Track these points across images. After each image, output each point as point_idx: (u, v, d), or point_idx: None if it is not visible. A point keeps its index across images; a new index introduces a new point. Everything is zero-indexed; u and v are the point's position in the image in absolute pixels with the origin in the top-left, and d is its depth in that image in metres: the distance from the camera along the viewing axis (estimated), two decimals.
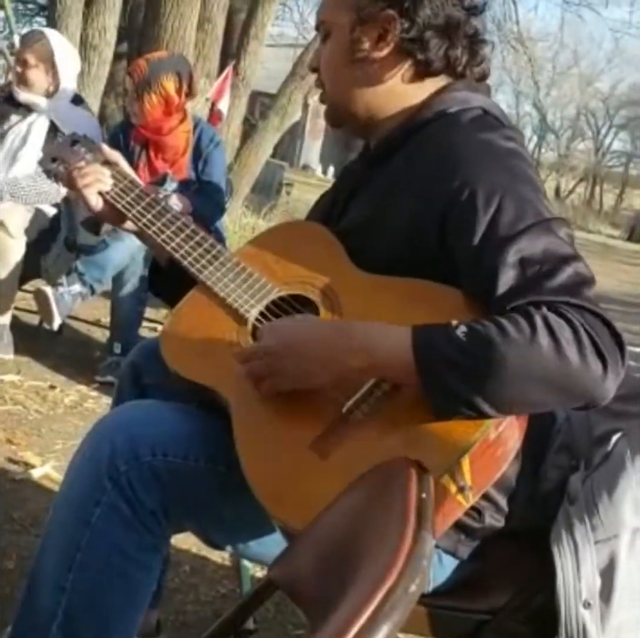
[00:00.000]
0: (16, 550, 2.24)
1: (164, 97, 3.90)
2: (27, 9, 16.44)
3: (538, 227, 1.27)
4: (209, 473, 1.37)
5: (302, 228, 1.62)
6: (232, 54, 8.23)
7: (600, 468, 1.45)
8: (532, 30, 25.96)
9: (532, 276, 1.24)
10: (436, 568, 1.41)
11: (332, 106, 1.56)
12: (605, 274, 12.45)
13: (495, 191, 1.30)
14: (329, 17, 1.52)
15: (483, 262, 1.28)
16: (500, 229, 1.28)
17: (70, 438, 3.03)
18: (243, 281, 1.46)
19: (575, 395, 1.21)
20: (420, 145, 1.43)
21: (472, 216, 1.30)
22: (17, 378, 3.58)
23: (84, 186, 1.57)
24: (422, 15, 1.44)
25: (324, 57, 1.54)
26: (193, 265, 1.49)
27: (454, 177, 1.33)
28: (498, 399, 1.21)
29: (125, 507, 1.32)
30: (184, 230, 1.53)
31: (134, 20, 9.23)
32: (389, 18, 1.44)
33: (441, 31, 1.45)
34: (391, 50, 1.46)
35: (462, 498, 1.27)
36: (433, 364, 1.21)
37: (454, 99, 1.46)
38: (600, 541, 1.39)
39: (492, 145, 1.37)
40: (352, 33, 1.47)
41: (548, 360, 1.17)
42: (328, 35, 1.52)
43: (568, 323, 1.19)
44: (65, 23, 6.46)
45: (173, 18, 6.74)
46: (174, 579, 2.27)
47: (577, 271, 1.25)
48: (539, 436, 1.49)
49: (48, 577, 1.36)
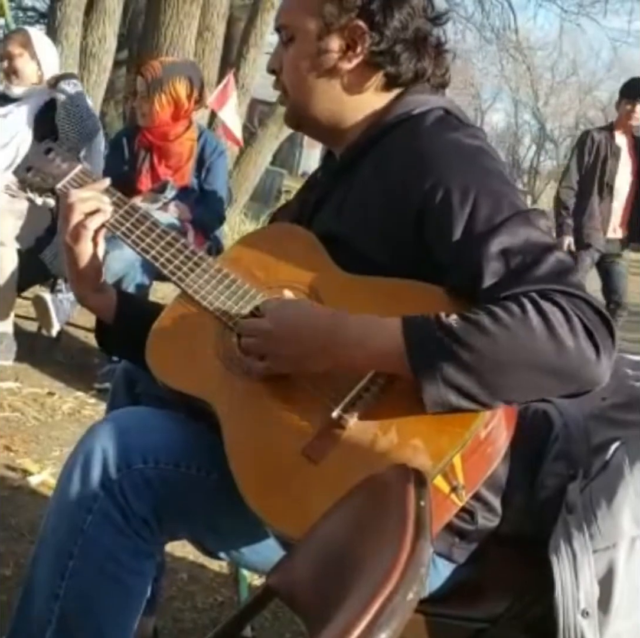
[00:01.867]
0: (13, 557, 2.24)
1: (174, 99, 3.93)
2: (27, 16, 16.49)
3: (516, 219, 1.28)
4: (200, 480, 1.37)
5: (284, 231, 1.61)
6: (232, 62, 8.26)
7: (599, 476, 1.45)
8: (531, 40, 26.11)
9: (516, 266, 1.24)
10: (431, 573, 1.41)
11: (292, 109, 1.55)
12: None
13: (469, 189, 1.31)
14: (293, 21, 1.49)
15: (466, 258, 1.28)
16: (479, 224, 1.28)
17: (68, 445, 3.02)
18: (226, 287, 1.45)
19: (570, 378, 1.20)
20: (387, 150, 1.43)
21: (449, 216, 1.30)
22: (15, 385, 3.58)
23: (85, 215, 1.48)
24: (392, 28, 1.44)
25: (288, 61, 1.51)
26: (175, 273, 1.48)
27: (426, 178, 1.33)
28: (492, 384, 1.21)
29: (118, 514, 1.32)
30: (164, 237, 1.51)
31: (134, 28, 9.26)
32: (358, 30, 1.44)
33: (410, 44, 1.46)
34: (360, 62, 1.46)
35: (456, 497, 1.27)
36: (425, 352, 1.21)
37: (415, 101, 1.46)
38: (598, 550, 1.39)
39: (459, 144, 1.38)
40: (319, 41, 1.46)
41: (541, 343, 1.18)
42: (292, 40, 1.49)
43: (559, 307, 1.19)
44: (65, 31, 6.48)
45: (173, 26, 6.76)
46: (171, 587, 2.26)
47: (559, 259, 1.26)
48: (536, 444, 1.49)
49: (41, 585, 1.36)
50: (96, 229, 1.49)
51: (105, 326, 1.60)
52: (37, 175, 1.59)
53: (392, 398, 1.28)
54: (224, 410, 1.35)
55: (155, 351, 1.45)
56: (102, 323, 1.61)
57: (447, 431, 1.24)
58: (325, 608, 0.90)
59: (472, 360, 1.19)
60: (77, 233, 1.47)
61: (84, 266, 1.51)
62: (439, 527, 1.31)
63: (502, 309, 1.20)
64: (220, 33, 7.71)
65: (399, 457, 1.22)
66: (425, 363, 1.21)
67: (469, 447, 1.24)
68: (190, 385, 1.40)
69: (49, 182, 1.58)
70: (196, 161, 4.09)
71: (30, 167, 1.60)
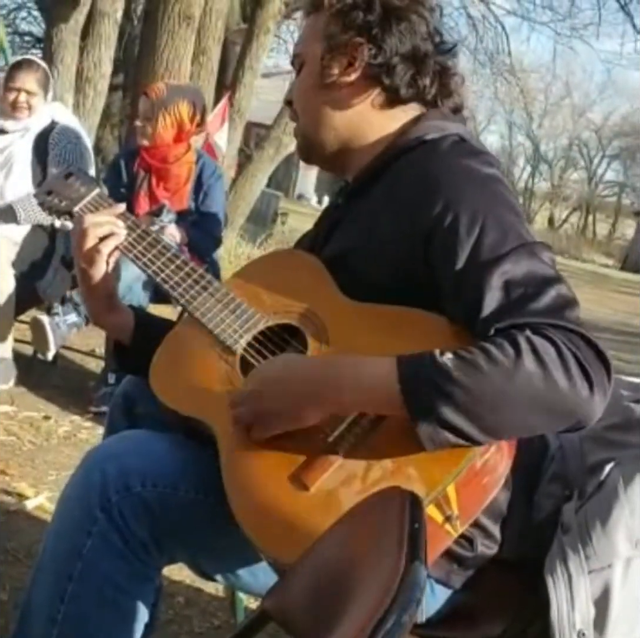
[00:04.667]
0: (10, 581, 2.23)
1: (177, 121, 3.98)
2: (24, 41, 16.58)
3: (521, 251, 1.28)
4: (199, 503, 1.37)
5: (290, 256, 1.63)
6: (228, 86, 8.30)
7: (594, 497, 1.45)
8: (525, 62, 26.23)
9: (516, 298, 1.24)
10: (428, 598, 1.40)
11: (303, 137, 1.58)
12: (599, 303, 12.48)
13: (477, 215, 1.31)
14: (303, 49, 1.55)
15: (467, 285, 1.28)
16: (484, 252, 1.29)
17: (64, 468, 3.02)
18: (231, 312, 1.47)
19: (564, 416, 1.21)
20: (400, 173, 1.44)
21: (456, 240, 1.30)
22: (11, 409, 3.57)
23: (99, 239, 1.51)
24: (390, 43, 1.47)
25: (296, 87, 1.56)
26: (183, 296, 1.50)
27: (436, 202, 1.34)
28: (486, 424, 1.21)
29: (117, 538, 1.32)
30: (174, 261, 1.54)
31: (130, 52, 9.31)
32: (357, 45, 1.47)
33: (408, 58, 1.48)
34: (359, 75, 1.49)
35: (450, 528, 1.26)
36: (420, 394, 1.21)
37: (431, 126, 1.47)
38: (594, 571, 1.39)
39: (473, 170, 1.38)
40: (322, 61, 1.50)
41: (535, 382, 1.18)
42: (302, 67, 1.55)
43: (552, 344, 1.19)
44: (61, 56, 6.52)
45: (168, 50, 6.80)
46: (168, 610, 2.25)
47: (560, 293, 1.26)
48: (531, 465, 1.49)
49: (40, 609, 1.36)
50: (109, 253, 1.52)
51: (121, 345, 1.62)
52: (56, 198, 1.65)
53: (387, 426, 1.28)
54: (222, 432, 1.35)
55: (158, 373, 1.46)
56: (118, 342, 1.63)
57: (441, 460, 1.23)
58: (320, 631, 0.90)
59: (466, 401, 1.19)
60: (91, 257, 1.51)
61: (97, 288, 1.54)
62: (434, 557, 1.30)
63: (497, 348, 1.20)
64: (216, 57, 7.75)
65: (391, 485, 1.22)
66: (420, 405, 1.21)
67: (463, 477, 1.24)
68: (190, 407, 1.40)
69: (67, 205, 1.64)
70: (194, 184, 4.12)
71: (50, 191, 1.66)
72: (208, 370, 1.43)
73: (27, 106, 3.91)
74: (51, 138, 3.88)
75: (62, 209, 1.64)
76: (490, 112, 40.26)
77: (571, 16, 14.86)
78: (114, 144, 10.92)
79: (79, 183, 1.65)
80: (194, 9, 6.84)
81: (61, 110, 4.20)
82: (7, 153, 3.86)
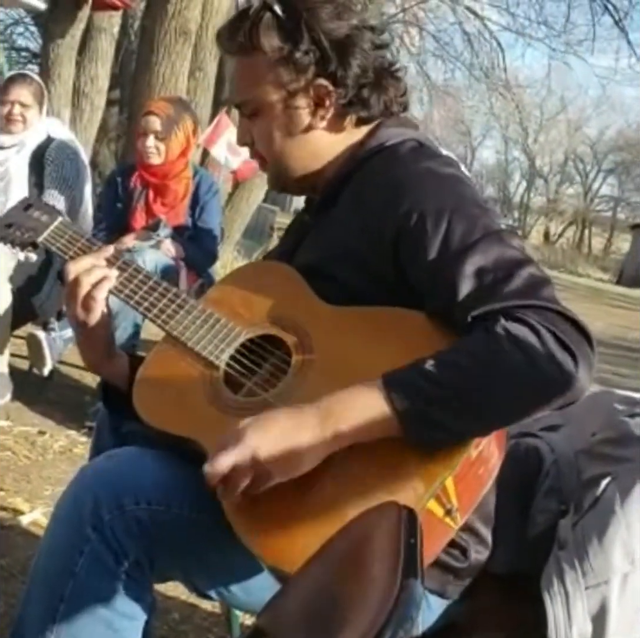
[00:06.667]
0: (4, 597, 2.21)
1: (186, 137, 4.02)
2: (20, 56, 16.64)
3: (489, 239, 1.30)
4: (192, 520, 1.36)
5: (264, 267, 1.63)
6: (224, 101, 8.33)
7: (590, 512, 1.44)
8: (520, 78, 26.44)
9: (488, 283, 1.26)
10: (424, 610, 1.40)
11: (275, 175, 1.57)
12: (595, 317, 12.49)
13: (443, 211, 1.33)
14: (253, 96, 1.50)
15: (440, 277, 1.30)
16: (453, 245, 1.30)
17: (59, 484, 3.01)
18: (210, 327, 1.45)
19: (552, 394, 1.21)
20: (363, 180, 1.45)
21: (424, 238, 1.32)
22: (6, 424, 3.56)
23: (92, 285, 1.47)
24: (353, 77, 1.46)
25: (260, 134, 1.52)
26: (158, 317, 1.48)
27: (401, 203, 1.35)
28: (481, 419, 1.23)
29: (109, 557, 1.31)
30: (146, 283, 1.51)
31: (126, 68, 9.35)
32: (321, 88, 1.46)
33: (374, 84, 1.49)
34: (332, 114, 1.48)
35: (451, 521, 1.27)
36: (412, 408, 1.21)
37: (389, 134, 1.49)
38: (590, 587, 1.38)
39: (433, 170, 1.40)
40: (286, 109, 1.47)
41: (518, 368, 1.19)
42: (256, 114, 1.51)
43: (527, 325, 1.21)
44: (57, 71, 6.55)
45: (165, 66, 6.83)
46: (163, 627, 2.24)
47: (531, 274, 1.27)
48: (527, 480, 1.49)
49: (32, 627, 1.34)
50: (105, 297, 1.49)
51: (115, 390, 1.58)
52: (17, 231, 1.62)
53: None
54: (212, 449, 1.34)
55: (141, 393, 1.44)
56: (111, 386, 1.59)
57: (438, 455, 1.24)
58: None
59: (460, 402, 1.21)
60: (87, 305, 1.47)
61: (96, 336, 1.51)
62: (435, 553, 1.30)
63: (475, 343, 1.22)
64: (212, 73, 7.78)
65: (392, 483, 1.23)
66: (417, 421, 1.22)
67: (461, 468, 1.24)
68: (176, 426, 1.40)
69: (30, 236, 1.61)
70: (191, 199, 4.12)
71: (10, 223, 1.63)
72: (193, 387, 1.42)
73: (22, 118, 3.90)
74: (47, 154, 3.87)
75: (25, 241, 1.61)
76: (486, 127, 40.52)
77: (566, 32, 14.97)
78: (110, 158, 10.94)
79: (39, 213, 1.62)
80: (190, 25, 6.88)
81: (57, 125, 4.20)
82: (3, 169, 3.86)
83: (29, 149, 3.90)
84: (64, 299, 1.53)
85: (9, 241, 1.62)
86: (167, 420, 1.41)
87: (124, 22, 9.12)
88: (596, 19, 13.43)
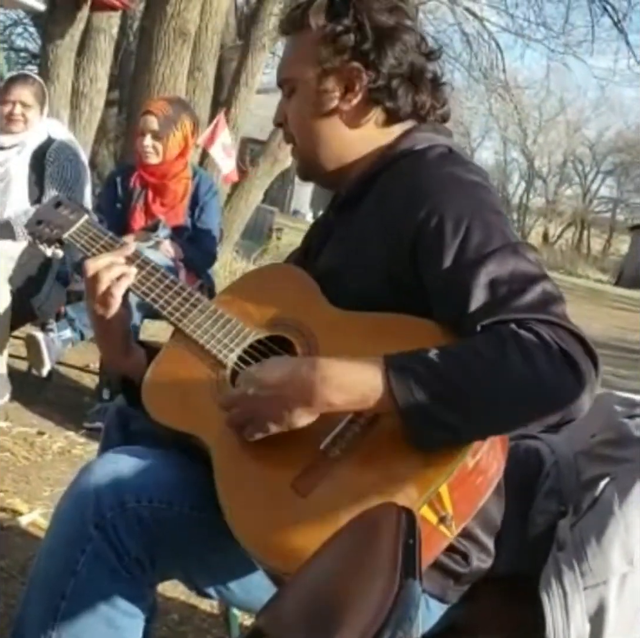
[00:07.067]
0: (4, 598, 2.21)
1: (184, 137, 4.01)
2: (19, 57, 16.65)
3: (506, 250, 1.30)
4: (194, 519, 1.37)
5: (276, 270, 1.65)
6: (223, 102, 8.33)
7: (589, 513, 1.45)
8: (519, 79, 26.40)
9: (502, 295, 1.26)
10: (423, 613, 1.40)
11: (301, 158, 1.58)
12: (594, 318, 12.50)
13: (462, 217, 1.33)
14: (292, 73, 1.54)
15: (454, 285, 1.29)
16: (469, 252, 1.30)
17: (58, 484, 3.01)
18: (221, 327, 1.48)
19: (551, 407, 1.21)
20: (389, 182, 1.45)
21: (441, 242, 1.32)
22: (5, 425, 3.56)
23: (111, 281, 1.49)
24: (387, 65, 1.47)
25: (292, 112, 1.55)
26: (172, 314, 1.51)
27: (422, 206, 1.36)
28: (475, 418, 1.21)
29: (111, 555, 1.31)
30: (163, 281, 1.55)
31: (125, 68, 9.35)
32: (354, 70, 1.47)
33: (407, 78, 1.49)
34: (360, 100, 1.49)
35: (445, 529, 1.26)
36: (408, 390, 1.21)
37: (420, 138, 1.49)
38: (589, 587, 1.38)
39: (458, 176, 1.40)
40: (319, 86, 1.50)
41: (521, 374, 1.19)
42: (293, 91, 1.54)
43: (537, 336, 1.20)
44: (56, 71, 6.55)
45: (164, 67, 6.83)
46: (162, 628, 2.24)
47: (545, 290, 1.27)
48: (527, 482, 1.49)
49: (33, 626, 1.35)
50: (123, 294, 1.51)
51: (129, 381, 1.60)
52: (46, 227, 1.66)
53: (379, 429, 1.28)
54: (215, 445, 1.36)
55: (150, 390, 1.46)
56: (125, 378, 1.62)
57: (433, 461, 1.23)
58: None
59: (456, 396, 1.20)
60: (105, 301, 1.50)
61: (114, 331, 1.55)
62: (429, 560, 1.30)
63: (482, 342, 1.21)
64: (211, 73, 7.79)
65: (386, 488, 1.23)
66: (410, 405, 1.21)
67: (456, 476, 1.24)
68: (183, 422, 1.41)
69: (57, 233, 1.65)
70: (190, 199, 4.12)
71: (40, 220, 1.68)
72: (200, 385, 1.44)
73: (23, 118, 3.90)
74: (48, 154, 3.87)
75: (52, 238, 1.65)
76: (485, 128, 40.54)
77: (565, 33, 14.94)
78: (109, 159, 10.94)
79: (68, 211, 1.66)
80: (189, 26, 6.87)
81: (57, 126, 4.21)
82: (3, 170, 3.86)
83: (29, 150, 3.90)
84: (84, 294, 1.55)
85: (37, 236, 1.67)
86: (172, 416, 1.43)
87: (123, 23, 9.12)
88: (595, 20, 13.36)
